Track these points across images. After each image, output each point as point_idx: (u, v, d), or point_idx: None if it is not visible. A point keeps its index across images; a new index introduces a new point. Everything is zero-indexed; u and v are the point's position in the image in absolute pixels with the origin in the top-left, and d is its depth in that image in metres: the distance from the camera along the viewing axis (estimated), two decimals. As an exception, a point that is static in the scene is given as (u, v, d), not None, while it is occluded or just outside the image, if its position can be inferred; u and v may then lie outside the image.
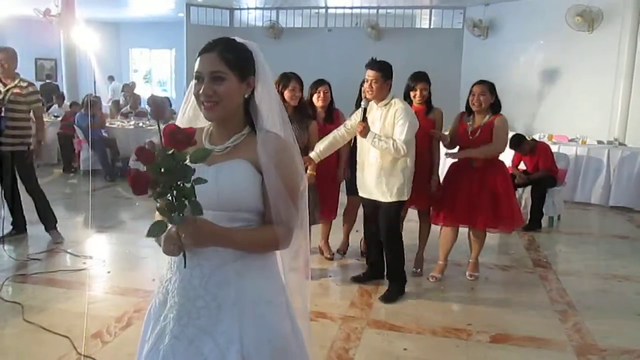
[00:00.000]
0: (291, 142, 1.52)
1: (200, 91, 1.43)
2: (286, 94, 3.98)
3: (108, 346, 3.03)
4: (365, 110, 3.68)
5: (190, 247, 1.35)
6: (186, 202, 1.26)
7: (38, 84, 13.04)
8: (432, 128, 4.07)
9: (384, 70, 3.58)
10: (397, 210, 3.73)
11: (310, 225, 4.23)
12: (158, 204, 1.29)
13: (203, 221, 1.33)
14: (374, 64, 3.59)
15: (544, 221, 5.98)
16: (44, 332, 3.16)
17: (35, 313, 3.41)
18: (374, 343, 3.17)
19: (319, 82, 4.35)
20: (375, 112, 3.68)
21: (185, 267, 1.40)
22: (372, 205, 3.82)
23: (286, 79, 4.02)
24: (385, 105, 3.62)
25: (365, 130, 3.61)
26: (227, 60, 1.43)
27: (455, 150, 4.12)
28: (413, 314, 3.57)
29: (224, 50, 1.44)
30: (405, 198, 3.70)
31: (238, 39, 1.51)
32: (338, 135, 3.86)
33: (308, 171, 4.07)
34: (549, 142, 6.86)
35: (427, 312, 3.63)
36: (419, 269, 4.29)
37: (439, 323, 3.44)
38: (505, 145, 4.11)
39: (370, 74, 3.58)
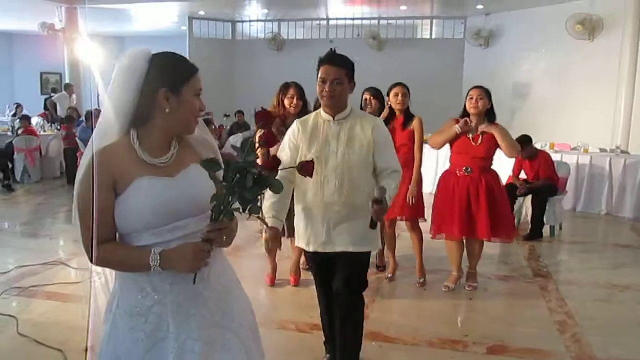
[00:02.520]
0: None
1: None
2: (285, 101, 4.10)
3: (101, 360, 3.02)
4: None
5: (225, 247, 1.49)
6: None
7: (43, 98, 13.27)
8: (410, 138, 4.05)
9: (349, 66, 2.53)
10: (368, 264, 2.72)
11: (288, 237, 3.92)
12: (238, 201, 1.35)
13: (230, 222, 1.44)
14: (335, 58, 2.51)
15: (545, 231, 5.93)
16: (37, 346, 3.15)
17: (30, 326, 3.40)
18: (369, 354, 3.13)
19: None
20: (328, 127, 2.57)
21: (195, 282, 1.45)
22: (328, 265, 2.69)
23: (285, 87, 4.17)
24: (345, 118, 2.58)
25: (382, 210, 2.41)
26: None
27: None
28: (409, 325, 3.54)
29: None
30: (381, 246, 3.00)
31: None
32: (287, 183, 2.52)
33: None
34: (550, 151, 6.83)
35: (423, 323, 3.60)
36: (423, 279, 4.25)
37: (435, 334, 3.41)
38: (519, 148, 4.06)
39: (330, 71, 2.48)
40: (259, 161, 1.38)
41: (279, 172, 1.39)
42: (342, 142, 2.55)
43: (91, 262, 1.45)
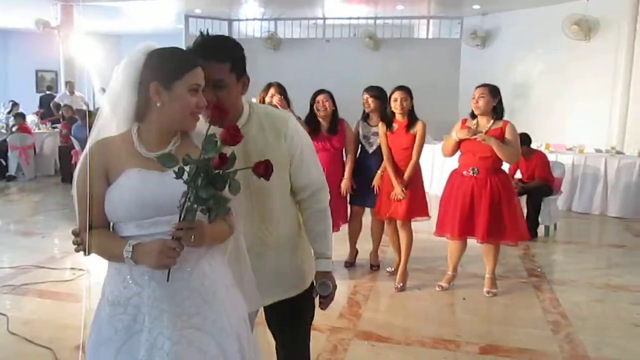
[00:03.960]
0: None
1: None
2: (266, 99, 4.13)
3: (90, 358, 3.00)
4: None
5: (195, 247, 1.42)
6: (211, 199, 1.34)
7: (39, 96, 13.21)
8: (412, 142, 4.02)
9: (234, 55, 1.73)
10: (310, 300, 2.02)
11: None
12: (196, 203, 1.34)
13: (201, 221, 1.41)
14: (210, 48, 1.67)
15: (540, 230, 5.94)
16: (27, 344, 3.13)
17: (20, 324, 3.38)
18: (361, 354, 3.13)
19: (318, 92, 4.37)
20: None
21: (168, 280, 1.42)
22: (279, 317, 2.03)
23: (266, 87, 4.21)
24: (244, 126, 1.78)
25: (330, 301, 1.98)
26: None
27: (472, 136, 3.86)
28: (402, 325, 3.53)
29: None
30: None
31: None
32: None
33: None
34: (545, 151, 6.83)
35: (416, 322, 3.58)
36: (402, 284, 4.16)
37: (427, 334, 3.40)
38: (520, 154, 4.02)
39: (209, 67, 1.59)
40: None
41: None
42: (248, 160, 1.64)
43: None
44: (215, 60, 1.65)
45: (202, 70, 1.50)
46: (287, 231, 1.91)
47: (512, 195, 4.03)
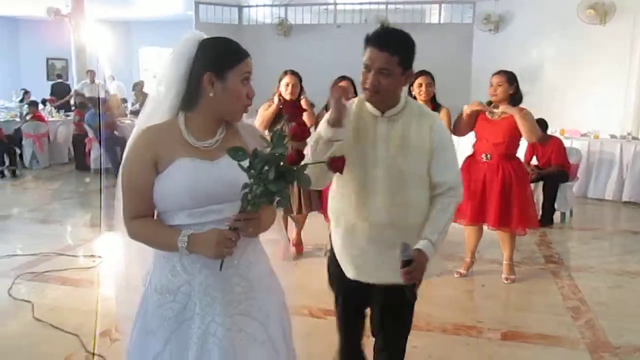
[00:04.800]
0: None
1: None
2: (281, 88, 4.21)
3: (116, 344, 3.03)
4: None
5: (250, 237, 1.47)
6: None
7: (49, 83, 13.25)
8: None
9: (405, 51, 1.91)
10: (415, 296, 2.20)
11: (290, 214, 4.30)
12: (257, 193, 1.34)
13: (258, 212, 1.42)
14: (385, 39, 1.89)
15: (556, 217, 5.92)
16: (53, 330, 3.18)
17: (45, 311, 3.43)
18: (383, 341, 3.14)
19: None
20: (375, 124, 1.97)
21: (221, 269, 1.43)
22: (364, 298, 2.21)
23: (282, 75, 4.26)
24: (397, 114, 1.97)
25: (412, 272, 1.80)
26: None
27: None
28: (423, 311, 3.51)
29: None
30: None
31: None
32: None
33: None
34: (561, 137, 6.78)
35: (437, 309, 3.59)
36: None
37: (449, 320, 3.41)
38: (540, 132, 3.98)
39: (376, 57, 1.87)
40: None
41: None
42: (394, 145, 1.93)
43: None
44: (388, 51, 1.85)
45: (251, 60, 1.51)
46: (417, 222, 1.98)
47: (525, 182, 4.00)
